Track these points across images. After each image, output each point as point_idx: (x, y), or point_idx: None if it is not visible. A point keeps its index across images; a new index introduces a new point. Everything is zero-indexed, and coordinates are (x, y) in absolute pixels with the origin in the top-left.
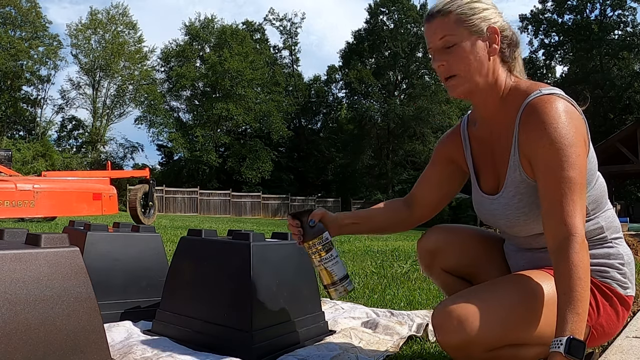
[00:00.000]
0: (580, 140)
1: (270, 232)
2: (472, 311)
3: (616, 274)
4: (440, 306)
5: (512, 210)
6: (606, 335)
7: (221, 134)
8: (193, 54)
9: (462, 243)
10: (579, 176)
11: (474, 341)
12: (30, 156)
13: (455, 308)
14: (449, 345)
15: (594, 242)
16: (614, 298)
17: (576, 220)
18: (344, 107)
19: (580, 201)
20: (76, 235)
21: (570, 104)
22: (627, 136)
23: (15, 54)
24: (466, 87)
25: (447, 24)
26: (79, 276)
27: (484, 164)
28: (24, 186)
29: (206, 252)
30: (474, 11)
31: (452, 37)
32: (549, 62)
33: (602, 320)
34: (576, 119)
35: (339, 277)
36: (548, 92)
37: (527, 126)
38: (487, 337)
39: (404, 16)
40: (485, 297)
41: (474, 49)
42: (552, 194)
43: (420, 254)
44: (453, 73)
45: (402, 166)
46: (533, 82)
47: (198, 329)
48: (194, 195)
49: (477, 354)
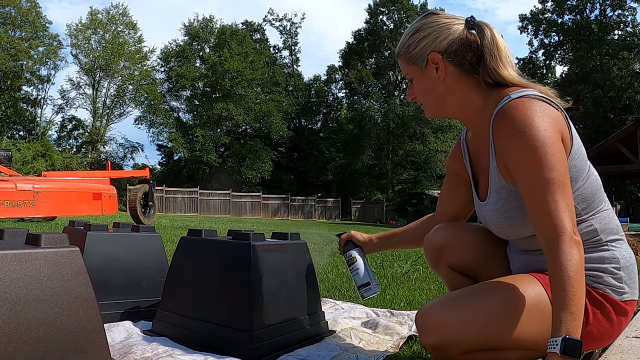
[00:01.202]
0: (555, 138)
1: (270, 232)
2: (450, 315)
3: (610, 278)
4: (423, 308)
5: (497, 215)
6: (599, 342)
7: (221, 134)
8: (193, 54)
9: (470, 240)
10: (557, 175)
11: (450, 343)
12: (30, 156)
13: (433, 311)
14: (427, 345)
15: (587, 246)
16: (607, 305)
17: (560, 219)
18: (344, 107)
19: (564, 199)
20: (76, 235)
21: (545, 101)
22: (627, 136)
23: (15, 54)
24: (433, 111)
25: (403, 64)
26: (79, 276)
27: (480, 171)
28: (24, 186)
29: (206, 252)
30: (411, 47)
31: (409, 75)
32: (549, 62)
33: (592, 329)
34: (551, 117)
35: (358, 284)
36: (517, 95)
37: (498, 133)
38: (463, 340)
39: (404, 16)
40: (465, 301)
41: (426, 80)
42: (533, 197)
43: (428, 250)
44: (421, 102)
45: (402, 166)
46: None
47: (198, 329)
48: (194, 195)
49: (454, 355)
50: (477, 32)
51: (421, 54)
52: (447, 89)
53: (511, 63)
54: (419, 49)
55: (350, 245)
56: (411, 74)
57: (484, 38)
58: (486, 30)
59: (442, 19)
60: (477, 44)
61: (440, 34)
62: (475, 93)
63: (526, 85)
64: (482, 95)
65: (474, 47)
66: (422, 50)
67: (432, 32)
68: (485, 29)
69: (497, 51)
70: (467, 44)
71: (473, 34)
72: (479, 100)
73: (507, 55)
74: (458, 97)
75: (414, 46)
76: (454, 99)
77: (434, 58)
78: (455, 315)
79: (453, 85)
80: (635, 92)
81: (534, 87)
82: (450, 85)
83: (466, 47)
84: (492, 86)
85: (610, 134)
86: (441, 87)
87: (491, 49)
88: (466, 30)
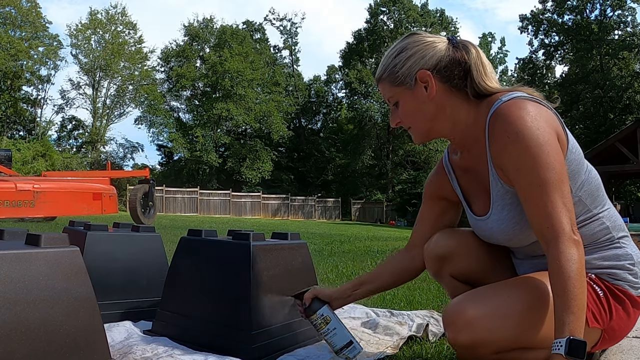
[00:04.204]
0: (550, 136)
1: (270, 232)
2: (485, 312)
3: (627, 275)
4: (453, 304)
5: (505, 223)
6: (617, 337)
7: (221, 134)
8: (193, 54)
9: (474, 248)
10: (553, 174)
11: (483, 342)
12: (30, 156)
13: (467, 307)
14: (458, 344)
15: (602, 244)
16: (626, 300)
17: (558, 220)
18: (344, 107)
19: (562, 199)
20: (76, 235)
21: (535, 101)
22: (627, 136)
23: (15, 54)
24: (423, 134)
25: (386, 88)
26: (79, 276)
27: (473, 188)
28: (24, 186)
29: (206, 252)
30: (397, 68)
31: (393, 98)
32: (549, 62)
33: (614, 324)
34: (544, 116)
35: (338, 347)
36: (508, 98)
37: (493, 138)
38: (497, 339)
39: (405, 16)
40: (498, 298)
41: (414, 101)
42: (530, 198)
43: (429, 259)
44: (408, 126)
45: (402, 166)
46: (501, 88)
47: (198, 328)
48: (194, 195)
49: (485, 354)
50: (462, 48)
51: (409, 73)
52: (438, 107)
53: (495, 78)
54: (406, 68)
55: (318, 303)
56: (396, 96)
57: (469, 54)
58: (471, 47)
59: (426, 38)
60: (464, 59)
61: (427, 52)
62: (465, 107)
63: (513, 89)
64: (472, 108)
65: (461, 62)
66: (409, 69)
67: (418, 50)
68: (470, 46)
69: (482, 66)
70: (455, 60)
71: (458, 50)
72: (469, 113)
73: (491, 71)
74: (448, 114)
75: (400, 66)
76: (444, 117)
77: (423, 76)
78: (491, 313)
79: (443, 102)
80: (635, 92)
81: (522, 89)
82: (440, 103)
83: (454, 62)
84: (479, 99)
85: (610, 134)
86: (431, 107)
87: (477, 64)
88: (451, 47)
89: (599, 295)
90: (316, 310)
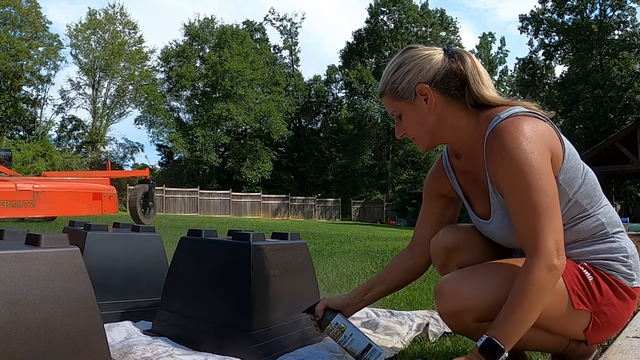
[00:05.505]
0: (543, 160)
1: (270, 232)
2: (467, 284)
3: (621, 266)
4: (442, 279)
5: (506, 230)
6: (613, 325)
7: (221, 134)
8: (193, 54)
9: (481, 241)
10: (544, 198)
11: (466, 309)
12: (30, 156)
13: (453, 280)
14: (445, 311)
15: (597, 238)
16: (619, 288)
17: (543, 241)
18: (344, 107)
19: (550, 223)
20: (76, 235)
21: (533, 116)
22: (627, 136)
23: (15, 54)
24: (426, 144)
25: (388, 102)
26: (79, 276)
27: (473, 189)
28: (24, 186)
29: (206, 252)
30: (396, 84)
31: (396, 111)
32: (549, 62)
33: (605, 309)
34: (539, 136)
35: (358, 352)
36: (506, 115)
37: (490, 156)
38: (478, 306)
39: (405, 16)
40: (480, 271)
41: (416, 113)
42: (520, 217)
43: (436, 252)
44: (412, 137)
45: (402, 166)
46: (499, 98)
47: (198, 329)
48: (194, 195)
49: (469, 322)
50: (457, 59)
51: (408, 87)
52: (438, 118)
53: (491, 85)
54: (405, 82)
55: (330, 313)
56: (399, 109)
57: (465, 64)
58: (466, 57)
59: (423, 51)
60: (460, 69)
61: (425, 65)
62: (464, 116)
63: (511, 104)
64: (471, 117)
65: (458, 73)
66: (409, 84)
67: (415, 64)
68: (465, 56)
69: (478, 75)
70: (451, 71)
71: (454, 61)
72: (469, 122)
73: (487, 78)
74: (449, 124)
75: (399, 81)
76: (446, 126)
77: (422, 89)
78: (471, 283)
79: (443, 112)
80: (635, 92)
81: (519, 104)
82: (441, 114)
83: (450, 74)
84: (478, 108)
85: (610, 134)
86: (432, 118)
87: (473, 73)
88: (447, 58)
89: (587, 280)
90: (330, 320)
